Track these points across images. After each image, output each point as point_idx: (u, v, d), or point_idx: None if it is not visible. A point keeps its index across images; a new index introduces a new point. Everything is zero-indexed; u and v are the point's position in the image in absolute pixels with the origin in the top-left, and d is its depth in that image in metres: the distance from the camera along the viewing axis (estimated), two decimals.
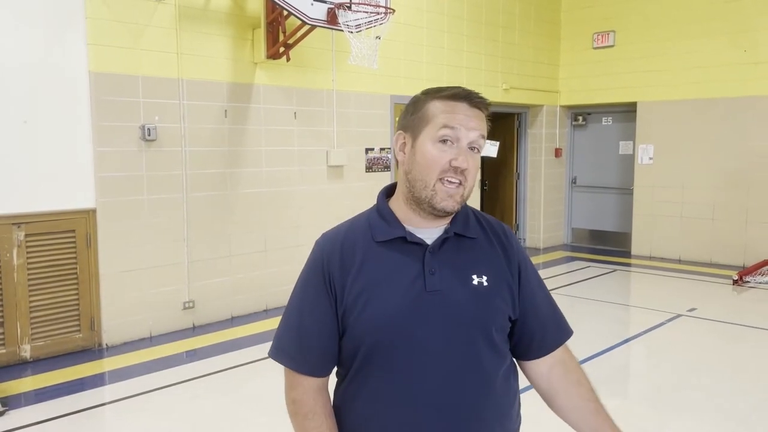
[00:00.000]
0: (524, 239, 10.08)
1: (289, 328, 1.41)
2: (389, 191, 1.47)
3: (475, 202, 8.64)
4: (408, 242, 1.36)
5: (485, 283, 1.35)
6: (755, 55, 8.08)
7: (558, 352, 1.48)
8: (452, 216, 1.40)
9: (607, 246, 9.91)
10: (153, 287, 5.46)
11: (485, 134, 1.35)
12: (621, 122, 9.71)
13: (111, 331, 5.23)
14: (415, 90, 1.49)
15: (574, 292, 7.21)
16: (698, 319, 6.04)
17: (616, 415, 1.45)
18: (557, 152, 10.06)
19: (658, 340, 5.48)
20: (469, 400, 1.32)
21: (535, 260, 9.09)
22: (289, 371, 1.42)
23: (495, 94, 8.79)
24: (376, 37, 5.94)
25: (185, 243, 5.65)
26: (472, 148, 1.33)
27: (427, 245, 1.36)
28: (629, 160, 9.48)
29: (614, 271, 8.37)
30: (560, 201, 10.27)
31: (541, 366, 1.47)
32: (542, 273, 8.21)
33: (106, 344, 5.21)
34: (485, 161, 8.94)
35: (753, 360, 4.98)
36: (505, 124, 9.95)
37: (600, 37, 9.46)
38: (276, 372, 1.51)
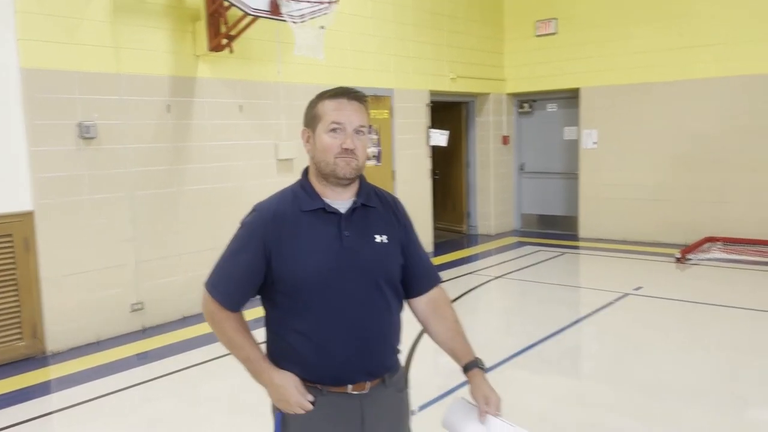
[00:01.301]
0: (476, 226, 10.20)
1: (225, 275, 1.85)
2: (308, 170, 1.89)
3: (426, 191, 8.69)
4: (327, 212, 1.79)
5: (385, 241, 1.84)
6: (691, 39, 8.35)
7: (433, 293, 1.97)
8: (356, 187, 1.84)
9: (556, 230, 10.12)
10: (98, 290, 5.28)
11: (365, 122, 1.80)
12: (565, 108, 9.91)
13: (55, 338, 5.04)
14: (364, 80, 1.51)
15: (524, 276, 7.34)
16: (645, 297, 6.23)
17: (569, 395, 1.47)
18: (505, 140, 10.19)
19: (607, 319, 5.64)
20: (377, 325, 1.82)
21: (486, 246, 9.23)
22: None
23: (442, 83, 8.83)
24: (320, 27, 5.87)
25: (131, 243, 5.48)
26: (358, 132, 1.78)
27: (342, 213, 1.80)
28: (574, 145, 9.68)
29: (563, 254, 8.55)
30: (509, 187, 10.43)
31: (420, 302, 1.97)
32: (493, 259, 8.39)
33: (51, 351, 5.02)
34: (436, 151, 8.97)
35: (698, 335, 5.17)
36: (453, 113, 10.02)
37: (542, 24, 9.61)
38: (233, 371, 1.61)
